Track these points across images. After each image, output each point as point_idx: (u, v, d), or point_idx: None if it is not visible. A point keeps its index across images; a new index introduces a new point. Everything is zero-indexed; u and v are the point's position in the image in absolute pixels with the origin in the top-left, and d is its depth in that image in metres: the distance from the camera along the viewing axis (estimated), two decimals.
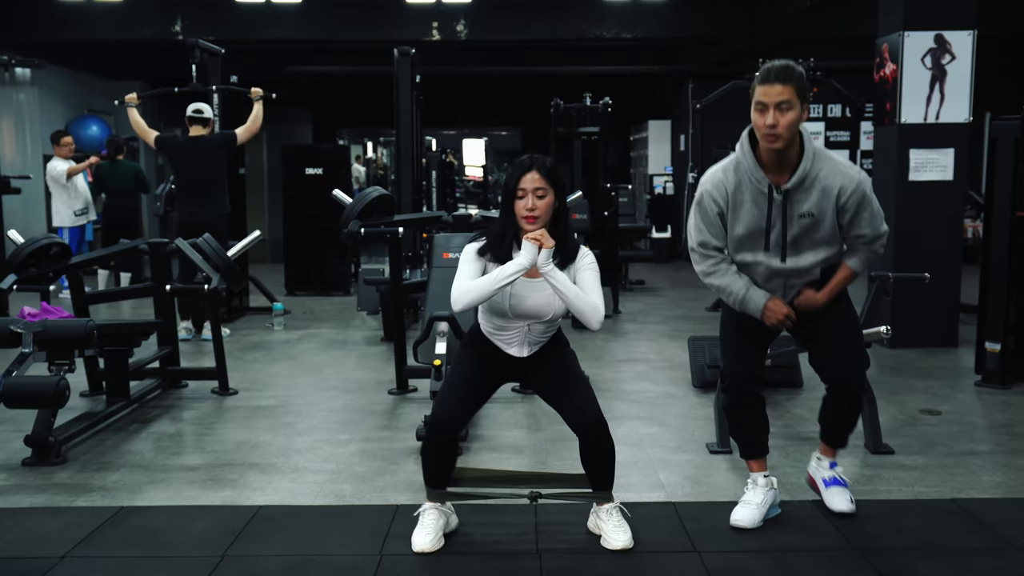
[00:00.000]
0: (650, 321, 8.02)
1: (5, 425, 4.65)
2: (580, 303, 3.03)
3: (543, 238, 2.99)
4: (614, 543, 3.14)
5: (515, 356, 3.20)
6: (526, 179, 3.03)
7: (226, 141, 7.16)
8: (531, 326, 3.15)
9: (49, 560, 3.05)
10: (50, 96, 11.79)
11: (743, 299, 3.22)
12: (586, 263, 3.14)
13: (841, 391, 3.33)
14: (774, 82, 3.00)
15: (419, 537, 3.14)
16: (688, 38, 11.69)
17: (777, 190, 3.11)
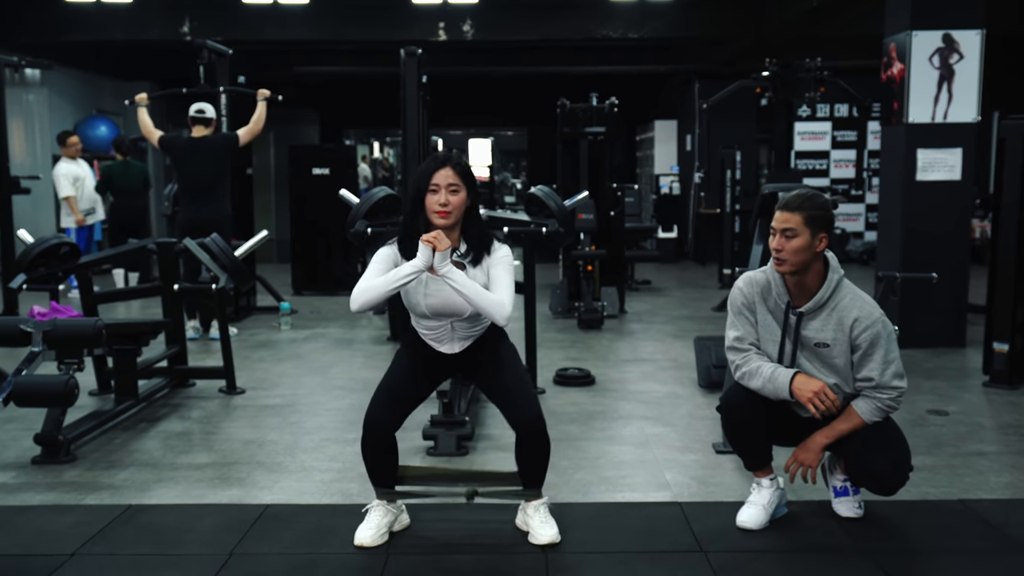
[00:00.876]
0: (656, 321, 8.02)
1: (15, 423, 4.68)
2: (481, 301, 3.01)
3: (436, 240, 2.97)
4: (541, 538, 3.16)
5: (447, 353, 3.22)
6: (439, 175, 3.04)
7: (228, 142, 7.18)
8: (454, 323, 3.17)
9: (59, 557, 3.07)
10: (59, 97, 11.82)
11: (770, 379, 3.18)
12: (499, 257, 3.14)
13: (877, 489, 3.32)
14: (783, 209, 3.14)
15: (361, 532, 3.18)
16: (694, 38, 11.68)
17: (793, 310, 3.19)
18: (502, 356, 3.25)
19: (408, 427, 4.63)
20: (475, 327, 3.21)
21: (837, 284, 3.19)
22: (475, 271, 3.11)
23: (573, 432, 4.61)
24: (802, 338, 3.21)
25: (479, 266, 3.12)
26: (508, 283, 3.09)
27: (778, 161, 9.29)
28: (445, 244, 2.97)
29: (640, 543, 3.20)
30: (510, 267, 3.13)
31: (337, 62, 13.13)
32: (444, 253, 2.98)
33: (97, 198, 9.55)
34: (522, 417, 3.11)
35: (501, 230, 4.90)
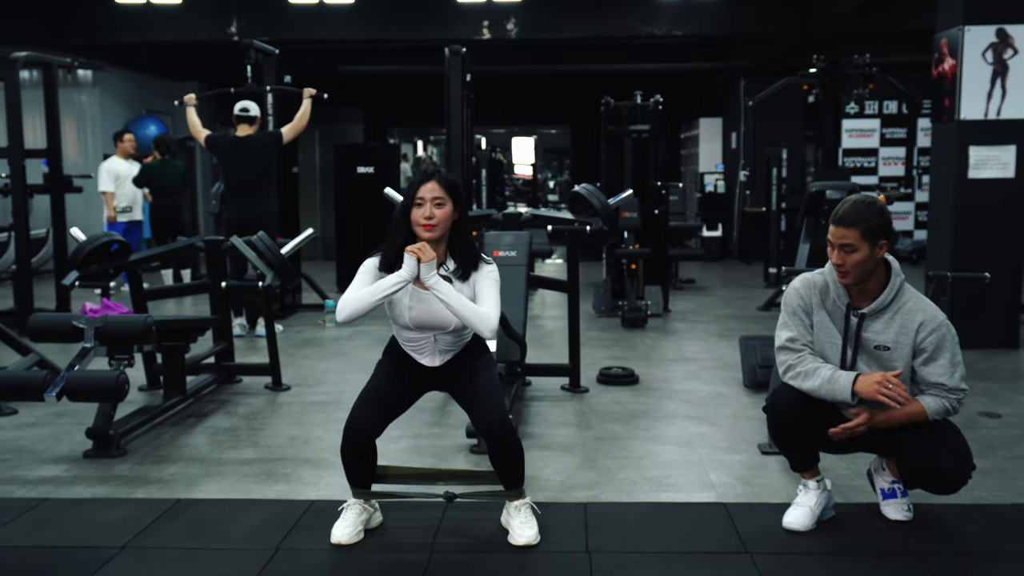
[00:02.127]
0: (700, 320, 7.96)
1: (67, 418, 4.78)
2: (467, 314, 3.02)
3: (421, 251, 2.98)
4: (518, 539, 3.16)
5: (428, 366, 3.24)
6: (425, 188, 3.05)
7: (272, 140, 7.25)
8: (437, 336, 3.18)
9: (110, 550, 3.13)
10: (110, 97, 12.06)
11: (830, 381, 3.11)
12: (486, 272, 3.15)
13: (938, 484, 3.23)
14: (839, 224, 3.07)
15: (337, 529, 3.20)
16: (740, 35, 11.57)
17: (854, 312, 3.14)
18: (477, 367, 3.25)
19: (452, 424, 4.67)
20: (458, 341, 3.22)
21: (900, 287, 3.15)
22: (461, 285, 3.12)
23: (617, 431, 4.59)
24: (862, 340, 3.16)
25: (466, 281, 3.13)
26: (494, 297, 3.10)
27: (825, 159, 9.17)
28: (430, 255, 3.00)
29: (684, 543, 3.17)
30: (496, 282, 3.14)
31: (382, 61, 13.22)
32: (430, 264, 3.00)
33: (135, 198, 9.54)
34: (486, 420, 3.10)
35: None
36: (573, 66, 13.55)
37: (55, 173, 7.56)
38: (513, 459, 3.18)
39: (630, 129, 8.49)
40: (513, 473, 3.21)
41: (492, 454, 3.19)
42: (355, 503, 3.27)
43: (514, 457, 3.18)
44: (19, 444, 4.40)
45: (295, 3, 10.54)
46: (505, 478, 3.22)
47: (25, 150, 7.24)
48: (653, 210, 8.45)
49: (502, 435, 3.12)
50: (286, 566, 3.03)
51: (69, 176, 8.03)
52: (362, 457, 3.21)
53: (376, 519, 3.35)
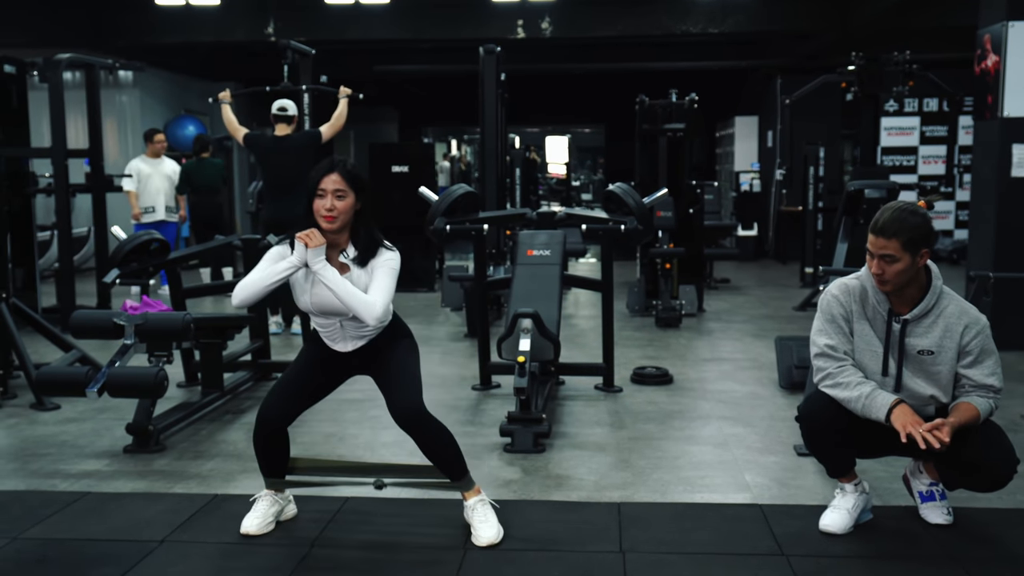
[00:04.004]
0: (735, 320, 7.90)
1: (108, 413, 4.86)
2: (349, 299, 3.04)
3: (308, 238, 3.03)
4: (480, 539, 3.15)
5: (341, 352, 3.25)
6: (327, 180, 3.08)
7: (311, 139, 7.30)
8: (342, 322, 3.19)
9: (149, 544, 3.18)
10: (150, 97, 12.23)
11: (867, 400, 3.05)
12: (383, 259, 3.16)
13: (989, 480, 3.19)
14: (879, 235, 3.01)
15: (247, 520, 3.26)
16: (777, 32, 11.47)
17: (896, 318, 3.10)
18: (395, 352, 3.26)
19: (486, 423, 4.68)
20: (365, 327, 3.20)
21: (940, 291, 3.11)
22: (360, 272, 3.14)
23: (651, 431, 4.57)
24: (905, 346, 3.11)
25: (364, 268, 3.15)
26: (385, 285, 3.11)
27: (864, 157, 9.06)
28: (317, 241, 3.04)
29: (719, 544, 3.16)
30: (392, 271, 3.15)
31: (416, 61, 13.28)
32: (317, 250, 3.04)
33: (161, 198, 9.33)
34: (397, 406, 3.13)
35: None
36: (607, 65, 13.51)
37: (97, 173, 7.68)
38: (438, 446, 3.18)
39: (665, 128, 8.45)
40: (446, 462, 3.21)
41: (419, 446, 3.20)
42: (266, 494, 3.32)
43: (438, 443, 3.18)
44: (62, 439, 4.49)
45: (331, 3, 10.62)
46: (441, 468, 3.23)
47: (68, 150, 7.36)
48: (688, 209, 8.40)
49: (415, 421, 3.13)
50: (320, 561, 3.06)
51: (110, 175, 8.15)
52: (272, 446, 3.25)
53: (290, 511, 3.40)
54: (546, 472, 3.95)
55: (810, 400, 3.29)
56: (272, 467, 3.30)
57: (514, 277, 5.25)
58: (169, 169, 9.41)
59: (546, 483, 3.82)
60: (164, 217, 9.31)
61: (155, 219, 9.24)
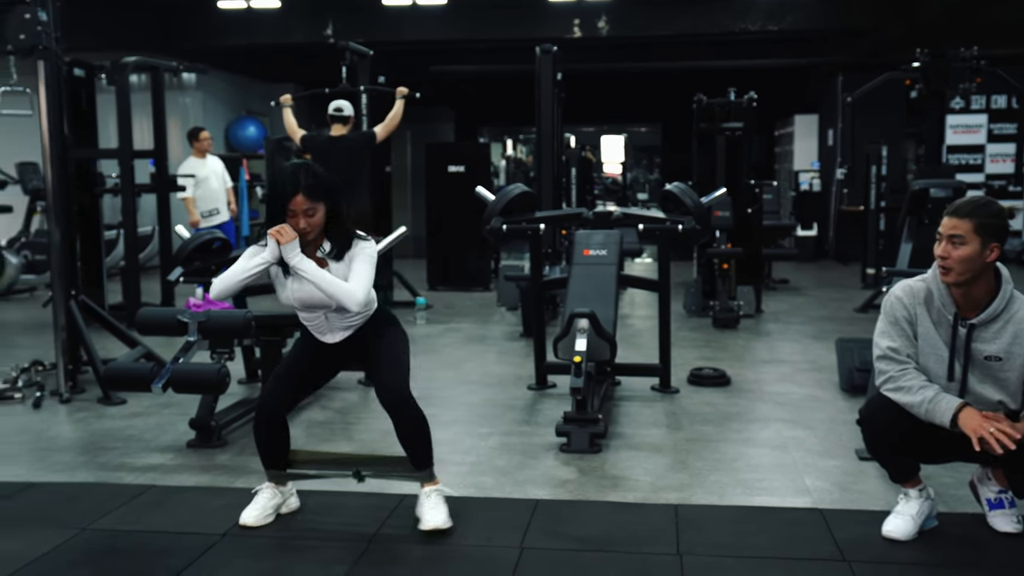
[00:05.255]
0: (794, 321, 7.79)
1: (172, 408, 4.96)
2: (329, 288, 3.09)
3: (279, 234, 3.07)
4: (426, 523, 3.22)
5: (329, 343, 3.31)
6: (295, 202, 3.08)
7: (365, 139, 7.36)
8: (327, 315, 3.25)
9: (212, 536, 3.24)
10: (212, 99, 12.48)
11: (930, 404, 2.98)
12: (359, 249, 3.20)
13: None
14: (951, 215, 2.97)
15: (246, 512, 3.32)
16: (838, 29, 11.27)
17: (962, 322, 3.02)
18: (382, 340, 3.32)
19: (540, 423, 4.68)
20: (350, 317, 3.26)
21: (1010, 295, 3.02)
22: (338, 266, 3.19)
23: (708, 433, 4.53)
24: (971, 351, 3.03)
25: (341, 261, 3.19)
26: (364, 272, 3.16)
27: (928, 156, 8.86)
28: (288, 236, 3.08)
29: (778, 549, 3.11)
30: (369, 258, 3.19)
31: (473, 61, 13.32)
32: (290, 245, 3.08)
33: (222, 196, 9.22)
34: (383, 386, 3.20)
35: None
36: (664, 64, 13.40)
37: (161, 173, 7.85)
38: (414, 433, 3.24)
39: (723, 127, 8.36)
40: (417, 450, 3.27)
41: (396, 430, 3.25)
42: (268, 486, 3.39)
43: (414, 431, 3.24)
44: (128, 433, 4.60)
45: (388, 4, 10.70)
46: (411, 456, 3.28)
47: (134, 151, 7.53)
48: (746, 209, 8.30)
49: (399, 406, 3.19)
50: (379, 557, 3.09)
51: (174, 176, 8.33)
52: (272, 437, 3.32)
53: (291, 504, 3.45)
54: (602, 472, 3.94)
55: (871, 403, 3.23)
56: (272, 458, 3.38)
57: (570, 277, 5.24)
58: (220, 167, 9.24)
59: (602, 484, 3.80)
60: (227, 217, 9.21)
61: (220, 220, 9.07)
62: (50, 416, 4.96)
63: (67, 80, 5.52)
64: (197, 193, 8.92)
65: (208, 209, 9.05)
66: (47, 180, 5.33)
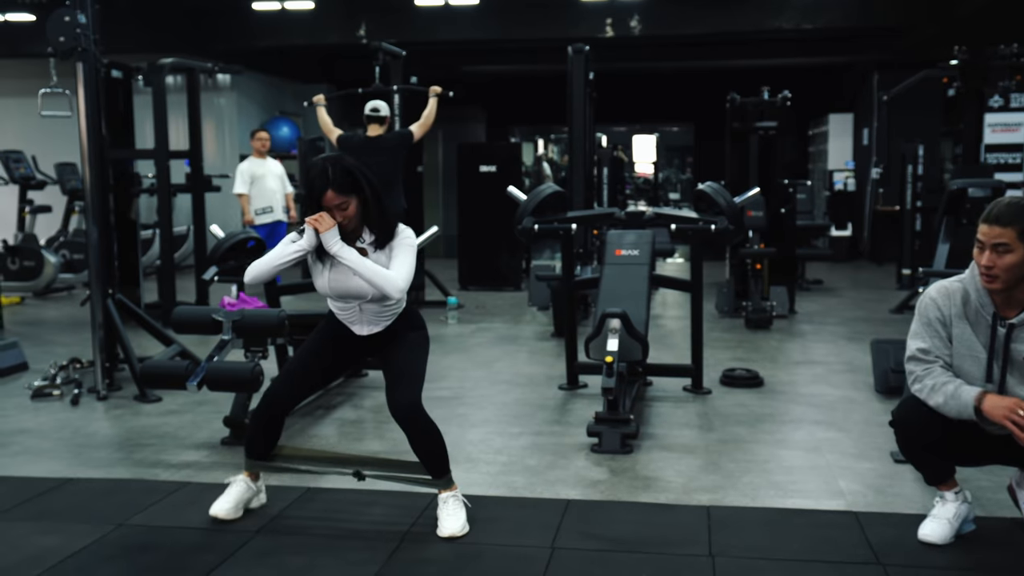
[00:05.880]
0: (828, 322, 7.71)
1: (207, 406, 5.02)
2: (371, 276, 3.11)
3: (318, 222, 3.08)
4: (443, 530, 3.21)
5: (359, 335, 3.32)
6: (326, 199, 3.10)
7: (402, 139, 7.40)
8: (362, 306, 3.26)
9: (246, 533, 3.28)
10: (247, 99, 12.60)
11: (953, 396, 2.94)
12: (401, 239, 3.22)
13: None
14: (993, 223, 2.89)
15: (217, 504, 3.37)
16: (874, 27, 11.14)
17: (1002, 322, 2.97)
18: (405, 342, 3.33)
19: (571, 423, 4.67)
20: (384, 311, 3.28)
21: None
22: (378, 255, 3.20)
23: (740, 434, 4.50)
24: (1011, 352, 2.97)
25: (382, 250, 3.21)
26: (405, 261, 3.19)
27: (966, 155, 8.74)
28: (327, 224, 3.09)
29: (812, 552, 3.09)
30: (410, 248, 3.22)
31: (504, 60, 13.34)
32: (330, 233, 3.08)
33: (278, 197, 9.22)
34: (395, 400, 3.20)
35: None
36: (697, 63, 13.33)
37: (196, 173, 7.93)
38: (427, 444, 3.24)
39: (756, 126, 8.30)
40: (432, 460, 3.27)
41: (409, 440, 3.25)
42: (242, 479, 3.41)
43: (427, 442, 3.24)
44: (163, 430, 4.66)
45: (421, 5, 10.75)
46: (426, 465, 3.28)
47: (170, 151, 7.62)
48: (780, 209, 8.24)
49: (410, 418, 3.19)
50: (411, 555, 3.10)
51: (209, 176, 8.41)
52: (271, 428, 3.36)
53: (260, 499, 3.48)
54: (633, 473, 3.93)
55: (904, 405, 3.19)
56: (260, 450, 3.40)
57: (602, 277, 5.23)
58: (278, 169, 9.25)
59: (634, 484, 3.79)
60: (281, 217, 9.14)
61: (273, 219, 9.03)
62: (88, 413, 5.03)
63: (105, 82, 5.60)
64: (252, 191, 8.94)
65: (261, 207, 9.05)
66: (85, 180, 5.41)
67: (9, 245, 9.27)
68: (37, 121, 6.42)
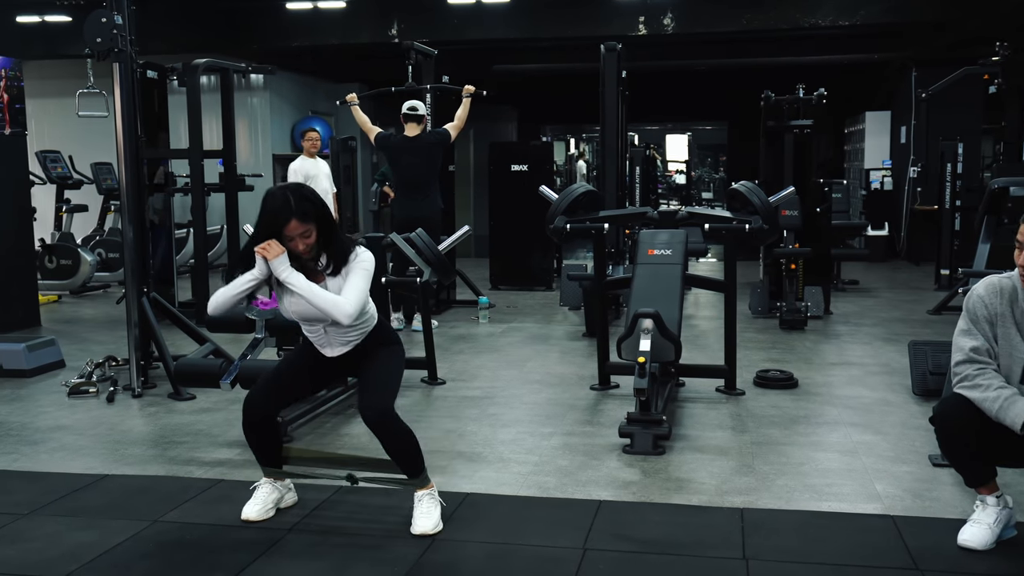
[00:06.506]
0: (864, 323, 7.61)
1: (239, 405, 4.95)
2: (319, 301, 3.12)
3: (266, 251, 3.09)
4: (416, 527, 3.22)
5: (328, 356, 3.35)
6: (289, 228, 3.08)
7: (440, 139, 7.41)
8: (326, 328, 3.27)
9: (279, 531, 3.29)
10: (280, 99, 12.68)
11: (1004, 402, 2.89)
12: (356, 263, 3.21)
13: None
14: None
15: (247, 507, 3.40)
16: (913, 23, 10.96)
17: None
18: (376, 357, 3.33)
19: (604, 423, 4.64)
20: (349, 333, 3.30)
21: None
22: (336, 280, 3.20)
23: (774, 436, 4.44)
24: None
25: (338, 275, 3.21)
26: (358, 285, 3.17)
27: (1008, 153, 8.58)
28: (275, 252, 3.10)
29: (848, 556, 3.04)
30: (365, 271, 3.21)
31: (536, 59, 13.30)
32: (279, 259, 3.10)
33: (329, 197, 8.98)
34: (364, 407, 3.21)
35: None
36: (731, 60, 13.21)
37: (230, 172, 7.99)
38: (400, 447, 3.25)
39: (791, 124, 8.21)
40: (404, 461, 3.28)
41: (383, 446, 3.27)
42: (266, 482, 3.44)
43: (400, 445, 3.25)
44: (197, 428, 4.69)
45: (453, 3, 10.75)
46: (400, 465, 3.29)
47: (204, 151, 7.68)
48: (815, 208, 8.14)
49: (379, 423, 3.19)
50: (442, 555, 3.09)
51: (242, 175, 8.47)
52: (261, 435, 3.38)
53: (289, 499, 3.51)
54: (666, 475, 3.89)
55: (945, 402, 3.14)
56: (264, 456, 3.43)
57: (634, 276, 5.19)
58: (326, 168, 9.26)
59: (666, 486, 3.76)
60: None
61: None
62: (123, 410, 5.09)
63: (140, 82, 5.65)
64: None
65: None
66: (121, 180, 5.46)
67: (47, 244, 9.40)
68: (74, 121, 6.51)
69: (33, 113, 10.28)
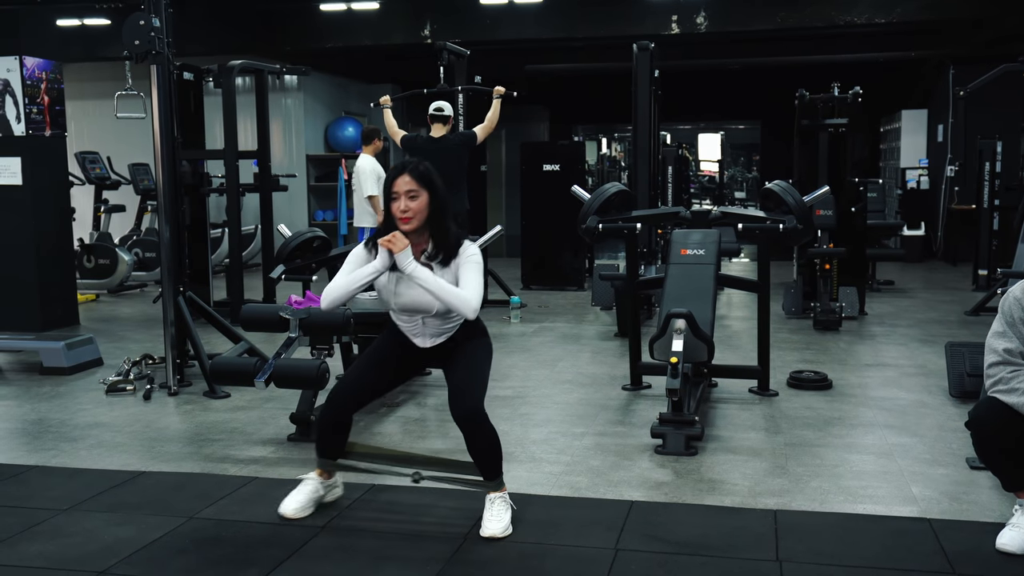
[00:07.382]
0: (900, 324, 7.52)
1: (273, 403, 5.10)
2: (446, 297, 3.14)
3: (391, 243, 3.12)
4: (485, 530, 3.20)
5: (420, 347, 3.36)
6: (399, 182, 3.13)
7: (466, 140, 7.43)
8: (425, 320, 3.29)
9: (312, 529, 3.32)
10: (313, 100, 12.77)
11: None
12: (466, 256, 3.23)
13: None
14: None
15: (287, 502, 3.41)
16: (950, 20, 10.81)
17: None
18: (468, 351, 3.35)
19: (636, 423, 4.63)
20: (446, 324, 3.32)
21: None
22: (443, 271, 3.20)
23: (808, 437, 4.41)
24: None
25: (447, 267, 3.21)
26: (474, 280, 3.20)
27: None
28: (401, 245, 3.12)
29: (884, 559, 3.01)
30: (476, 265, 3.23)
31: (568, 59, 13.28)
32: (404, 253, 3.12)
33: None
34: (458, 407, 3.20)
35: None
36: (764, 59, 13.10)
37: (264, 173, 8.07)
38: (486, 449, 3.25)
39: (826, 123, 8.13)
40: (488, 464, 3.28)
41: (467, 443, 3.26)
42: (312, 477, 3.45)
43: (487, 447, 3.25)
44: (231, 426, 4.74)
45: (485, 4, 10.77)
46: (481, 468, 3.29)
47: (239, 152, 7.76)
48: (850, 208, 8.05)
49: (474, 425, 3.20)
50: (474, 555, 3.10)
51: (276, 176, 8.54)
52: (338, 429, 3.40)
53: (333, 494, 3.52)
54: (698, 476, 3.88)
55: (981, 405, 3.10)
56: (331, 448, 3.44)
57: (667, 276, 5.17)
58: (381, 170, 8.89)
59: (698, 487, 3.74)
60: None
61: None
62: (159, 408, 5.16)
63: (177, 84, 5.72)
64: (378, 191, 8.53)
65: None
66: (158, 180, 5.53)
67: (85, 244, 9.55)
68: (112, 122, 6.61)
69: (72, 115, 10.45)
